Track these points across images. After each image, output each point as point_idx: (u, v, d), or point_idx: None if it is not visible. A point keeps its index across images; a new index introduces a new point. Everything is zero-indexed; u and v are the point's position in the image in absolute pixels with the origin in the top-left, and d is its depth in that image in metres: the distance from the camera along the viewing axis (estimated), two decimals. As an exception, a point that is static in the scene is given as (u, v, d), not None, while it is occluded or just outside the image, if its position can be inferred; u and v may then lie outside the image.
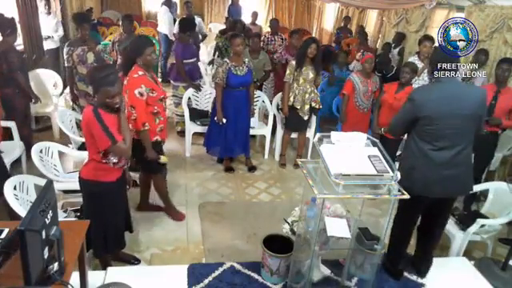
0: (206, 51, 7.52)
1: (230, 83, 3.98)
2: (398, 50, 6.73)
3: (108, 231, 2.60)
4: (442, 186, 2.44)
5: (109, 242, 2.63)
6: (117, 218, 2.65)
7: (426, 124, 2.37)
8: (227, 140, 4.23)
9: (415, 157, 2.46)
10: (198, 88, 4.88)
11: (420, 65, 4.29)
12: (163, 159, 3.14)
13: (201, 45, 7.08)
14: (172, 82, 5.13)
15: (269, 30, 6.50)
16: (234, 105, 4.09)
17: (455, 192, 2.58)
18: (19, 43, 5.04)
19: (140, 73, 2.86)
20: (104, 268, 2.70)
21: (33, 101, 4.31)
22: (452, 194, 2.57)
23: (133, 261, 2.94)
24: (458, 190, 2.57)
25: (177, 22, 7.13)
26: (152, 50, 2.93)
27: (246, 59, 4.14)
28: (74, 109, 4.47)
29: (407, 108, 2.47)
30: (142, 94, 2.82)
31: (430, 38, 4.49)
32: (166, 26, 7.55)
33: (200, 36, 7.31)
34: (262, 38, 5.87)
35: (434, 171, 2.42)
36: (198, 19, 7.04)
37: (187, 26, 4.89)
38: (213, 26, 9.87)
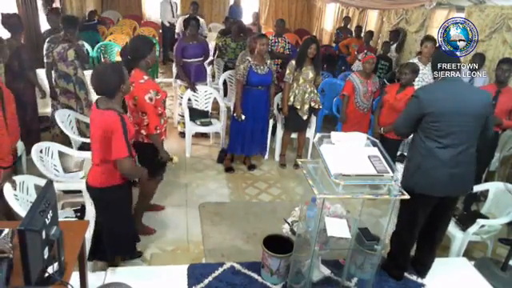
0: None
1: (249, 81, 4.02)
2: (395, 46, 6.78)
3: (123, 235, 2.59)
4: (446, 185, 2.46)
5: (122, 245, 2.63)
6: (131, 221, 2.69)
7: (432, 121, 2.38)
8: (245, 138, 4.28)
9: (421, 155, 2.47)
10: (193, 88, 4.87)
11: (421, 66, 4.27)
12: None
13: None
14: (175, 80, 5.17)
15: (269, 30, 6.41)
16: (253, 103, 4.13)
17: (457, 191, 2.59)
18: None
19: (145, 77, 2.82)
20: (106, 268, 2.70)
21: (40, 95, 4.33)
22: (455, 193, 2.58)
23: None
24: (460, 189, 2.58)
25: (180, 19, 7.40)
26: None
27: (268, 60, 4.16)
28: (53, 105, 4.33)
29: (412, 105, 2.49)
30: (151, 99, 2.80)
31: (432, 39, 4.48)
32: (168, 14, 8.53)
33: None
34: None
35: (440, 169, 2.43)
36: (200, 20, 7.03)
37: (187, 23, 4.94)
38: (213, 26, 9.84)
